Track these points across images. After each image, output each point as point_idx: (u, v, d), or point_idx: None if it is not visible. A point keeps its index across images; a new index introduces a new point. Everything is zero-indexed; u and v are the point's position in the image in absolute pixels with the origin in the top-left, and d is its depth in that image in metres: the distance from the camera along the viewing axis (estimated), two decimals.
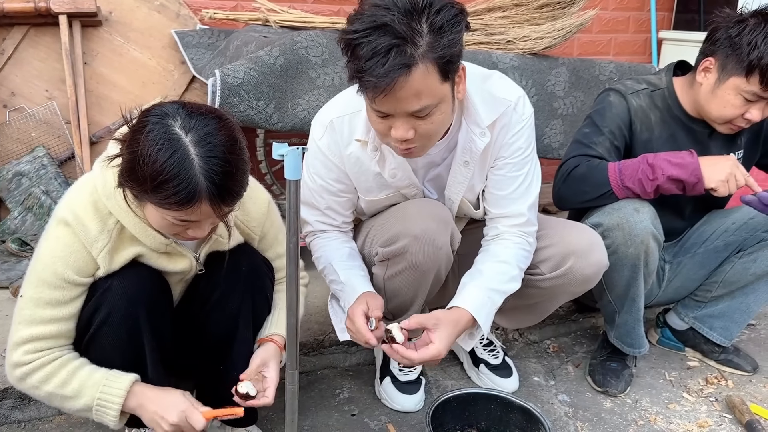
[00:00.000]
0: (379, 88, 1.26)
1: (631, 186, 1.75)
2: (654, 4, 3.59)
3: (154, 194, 1.18)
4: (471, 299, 1.56)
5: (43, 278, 1.31)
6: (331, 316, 1.76)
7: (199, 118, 1.20)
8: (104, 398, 1.32)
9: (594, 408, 1.93)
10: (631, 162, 1.77)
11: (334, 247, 1.71)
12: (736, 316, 2.08)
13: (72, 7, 2.49)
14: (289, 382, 1.23)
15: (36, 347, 1.31)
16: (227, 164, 1.19)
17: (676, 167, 1.71)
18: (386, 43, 1.24)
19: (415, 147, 1.43)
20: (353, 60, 1.29)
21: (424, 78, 1.28)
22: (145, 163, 1.16)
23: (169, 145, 1.16)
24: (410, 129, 1.37)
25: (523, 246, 1.66)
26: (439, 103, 1.36)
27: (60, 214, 1.32)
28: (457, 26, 1.30)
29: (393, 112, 1.35)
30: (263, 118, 2.11)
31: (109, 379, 1.34)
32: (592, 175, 1.79)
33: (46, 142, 2.55)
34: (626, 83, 1.94)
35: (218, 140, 1.19)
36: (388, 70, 1.24)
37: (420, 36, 1.26)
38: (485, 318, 1.56)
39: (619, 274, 1.81)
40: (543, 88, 2.54)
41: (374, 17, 1.25)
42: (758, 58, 1.67)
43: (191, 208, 1.20)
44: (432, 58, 1.27)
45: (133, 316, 1.34)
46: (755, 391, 2.04)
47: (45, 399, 1.36)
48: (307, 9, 2.88)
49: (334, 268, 1.66)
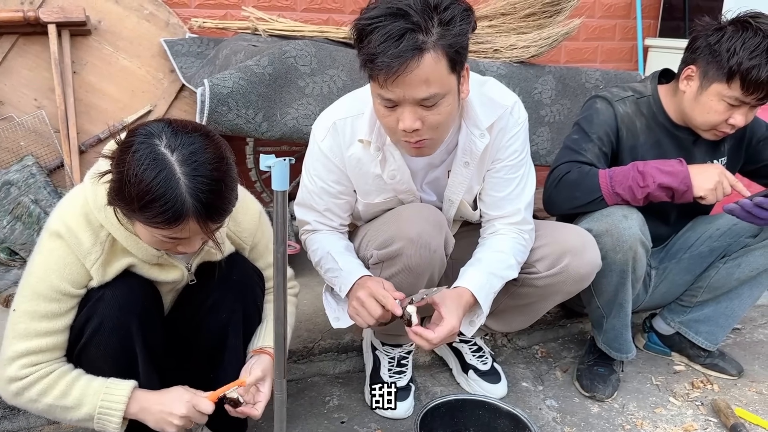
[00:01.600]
0: (392, 68, 1.30)
1: (621, 193, 1.77)
2: (640, 12, 3.64)
3: (142, 213, 1.20)
4: (471, 280, 1.61)
5: (37, 291, 1.31)
6: (325, 306, 1.78)
7: (184, 136, 1.21)
8: (106, 405, 1.33)
9: (582, 413, 1.95)
10: (622, 169, 1.80)
11: (332, 240, 1.73)
12: (722, 321, 2.11)
13: (61, 17, 2.49)
14: (277, 391, 1.24)
15: (32, 361, 1.31)
16: (214, 182, 1.20)
17: (667, 175, 1.74)
18: (400, 28, 1.30)
19: (425, 141, 1.46)
20: (366, 45, 1.33)
21: (434, 65, 1.33)
22: (132, 183, 1.17)
23: (155, 165, 1.17)
24: (417, 119, 1.40)
25: (519, 240, 1.70)
26: (446, 94, 1.39)
27: (52, 226, 1.33)
28: (466, 19, 1.36)
29: (401, 99, 1.38)
30: (252, 127, 2.12)
31: (109, 387, 1.34)
32: (583, 182, 1.82)
33: (35, 151, 2.55)
34: (612, 90, 1.98)
35: (204, 158, 1.20)
36: (401, 52, 1.29)
37: (432, 26, 1.32)
38: (485, 297, 1.60)
39: (607, 279, 1.83)
40: (530, 95, 2.56)
41: (390, 4, 1.31)
42: (738, 63, 1.70)
43: (179, 227, 1.21)
44: (442, 46, 1.33)
45: (125, 326, 1.35)
46: (740, 394, 2.06)
47: (44, 412, 1.36)
48: (297, 18, 2.90)
49: (332, 256, 1.67)
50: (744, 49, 1.70)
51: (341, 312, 1.71)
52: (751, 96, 1.73)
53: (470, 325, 1.67)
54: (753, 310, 2.63)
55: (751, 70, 1.68)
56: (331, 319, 1.75)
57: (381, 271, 1.66)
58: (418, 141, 1.45)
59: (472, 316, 1.66)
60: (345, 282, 1.61)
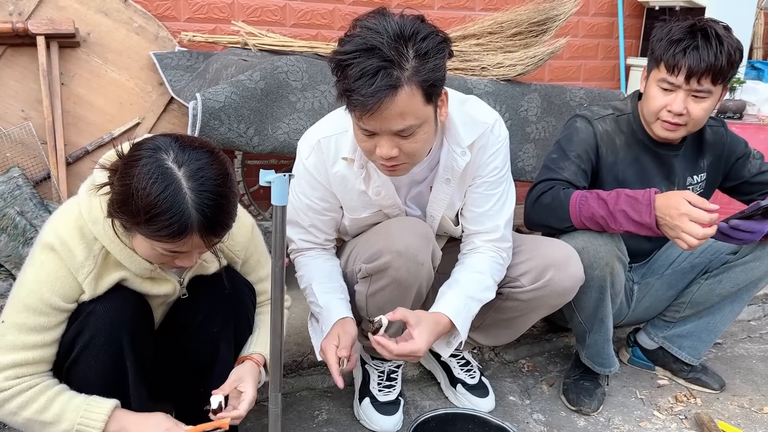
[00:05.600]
0: (366, 106, 1.33)
1: (590, 226, 1.80)
2: (622, 32, 3.72)
3: (146, 226, 1.20)
4: (449, 304, 1.63)
5: (27, 304, 1.30)
6: (311, 334, 1.79)
7: (191, 152, 1.23)
8: (85, 422, 1.31)
9: (568, 426, 1.97)
10: (592, 202, 1.78)
11: (316, 266, 1.75)
12: (704, 336, 2.15)
13: (50, 28, 2.49)
14: (272, 405, 1.24)
15: (17, 373, 1.31)
16: (218, 197, 1.22)
17: (635, 225, 1.73)
18: (374, 65, 1.31)
19: (400, 165, 1.49)
20: (343, 80, 1.36)
21: (408, 99, 1.35)
22: (139, 196, 1.18)
23: (163, 179, 1.18)
24: (394, 147, 1.43)
25: (496, 260, 1.72)
26: (423, 124, 1.42)
27: (45, 239, 1.32)
28: (441, 53, 1.38)
29: (378, 131, 1.41)
30: (244, 141, 2.13)
31: (89, 404, 1.33)
32: (556, 209, 1.83)
33: (21, 163, 2.53)
34: (593, 109, 2.02)
35: (210, 174, 1.22)
36: (375, 91, 1.31)
37: (406, 60, 1.33)
38: (462, 323, 1.62)
39: (586, 295, 1.86)
40: (516, 113, 2.61)
41: (365, 40, 1.32)
42: (660, 47, 1.81)
43: (182, 240, 1.22)
44: (417, 81, 1.34)
45: (116, 340, 1.35)
46: (723, 408, 2.10)
47: (22, 426, 1.34)
48: (286, 33, 2.92)
49: (313, 291, 1.70)
50: (671, 33, 1.80)
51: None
52: (676, 75, 1.79)
53: (447, 347, 1.70)
54: (734, 325, 2.68)
55: (671, 46, 1.78)
56: (316, 350, 1.73)
57: (369, 285, 1.68)
58: (394, 165, 1.49)
59: (450, 338, 1.68)
60: (326, 323, 1.65)
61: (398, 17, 1.37)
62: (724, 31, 1.78)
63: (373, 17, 1.38)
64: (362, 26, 1.36)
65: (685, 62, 1.76)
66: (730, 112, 3.05)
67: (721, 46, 1.75)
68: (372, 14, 1.39)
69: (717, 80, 1.78)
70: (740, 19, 3.65)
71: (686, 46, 1.76)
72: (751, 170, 2.07)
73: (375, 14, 1.39)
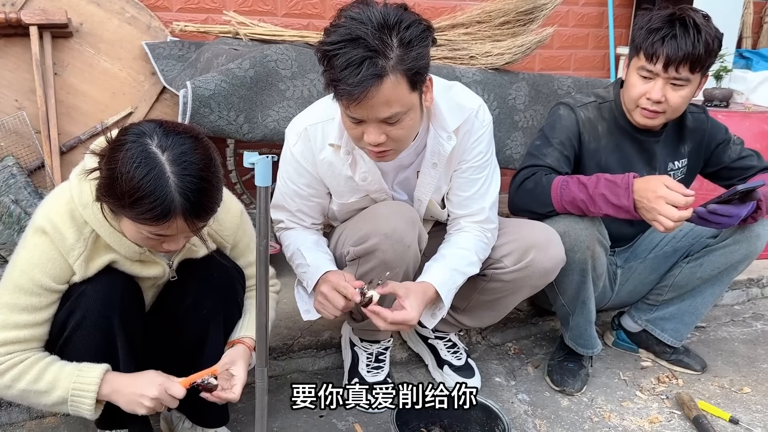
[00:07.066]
0: (353, 95, 1.37)
1: (570, 210, 1.84)
2: (612, 22, 3.75)
3: (131, 209, 1.24)
4: (435, 275, 1.69)
5: (19, 285, 1.35)
6: (297, 300, 1.84)
7: (175, 138, 1.26)
8: (79, 387, 1.36)
9: (552, 406, 2.02)
10: (573, 187, 1.82)
11: (303, 236, 1.81)
12: (686, 318, 2.20)
13: (43, 19, 2.51)
14: (258, 379, 1.28)
15: (8, 350, 1.35)
16: (202, 182, 1.26)
17: (613, 208, 1.78)
18: (360, 55, 1.35)
19: (388, 151, 1.53)
20: (329, 70, 1.40)
21: (393, 88, 1.39)
22: (123, 180, 1.21)
23: (146, 163, 1.22)
24: (381, 134, 1.47)
25: (482, 239, 1.78)
26: (408, 111, 1.46)
27: (37, 222, 1.36)
28: (424, 41, 1.42)
29: (365, 118, 1.45)
30: (234, 128, 2.16)
31: (81, 370, 1.38)
32: (537, 193, 1.88)
33: (15, 152, 2.56)
34: (576, 97, 2.06)
35: (193, 159, 1.25)
36: (361, 80, 1.35)
37: (390, 49, 1.37)
38: (447, 293, 1.69)
39: (569, 278, 1.91)
40: (504, 101, 2.64)
41: (349, 30, 1.36)
42: (639, 36, 1.86)
43: (166, 223, 1.26)
44: (401, 69, 1.38)
45: (106, 320, 1.39)
46: (703, 388, 2.15)
47: (18, 398, 1.39)
48: (277, 23, 2.95)
49: (301, 252, 1.75)
50: (650, 22, 1.85)
51: (311, 305, 1.77)
52: (653, 63, 1.83)
53: (432, 318, 1.76)
54: (717, 309, 2.73)
55: (649, 35, 1.82)
56: (302, 311, 1.81)
57: (358, 267, 1.72)
58: (382, 151, 1.53)
59: (435, 309, 1.74)
60: (311, 277, 1.70)
61: (382, 6, 1.41)
62: (703, 20, 1.82)
63: (357, 7, 1.41)
64: (347, 16, 1.40)
65: (663, 50, 1.80)
66: (717, 101, 3.07)
67: (699, 35, 1.78)
68: (356, 3, 1.43)
69: (695, 68, 1.82)
70: (729, 8, 3.68)
71: (664, 34, 1.80)
72: (731, 156, 2.11)
73: (359, 3, 1.43)
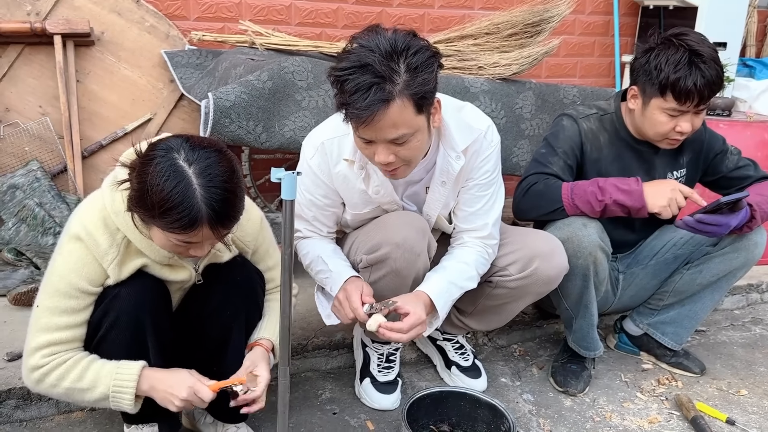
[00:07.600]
0: (361, 119, 1.46)
1: (579, 205, 1.94)
2: (617, 30, 3.82)
3: (161, 219, 1.33)
4: (433, 286, 1.77)
5: (58, 289, 1.44)
6: (318, 305, 1.94)
7: (201, 152, 1.35)
8: (119, 384, 1.46)
9: (555, 406, 2.10)
10: (583, 183, 1.97)
11: (321, 245, 1.89)
12: (686, 323, 2.27)
13: (66, 28, 2.61)
14: (281, 377, 1.37)
15: (52, 351, 1.45)
16: (226, 192, 1.35)
17: (623, 193, 1.91)
18: (368, 81, 1.44)
19: (398, 169, 1.63)
20: (340, 94, 1.49)
21: (400, 111, 1.48)
22: (153, 192, 1.31)
23: (174, 177, 1.31)
24: (390, 154, 1.56)
25: (482, 254, 1.86)
26: (416, 132, 1.55)
27: (72, 230, 1.46)
28: (430, 67, 1.51)
29: (375, 139, 1.54)
30: (252, 137, 2.26)
31: (120, 367, 1.47)
32: (547, 193, 1.98)
33: (39, 156, 2.66)
34: (578, 108, 2.15)
35: (218, 171, 1.34)
36: (369, 104, 1.44)
37: (398, 75, 1.46)
38: (442, 305, 1.76)
39: (572, 283, 2.00)
40: (511, 110, 2.73)
41: (359, 57, 1.45)
42: (666, 77, 1.88)
43: (193, 232, 1.35)
44: (408, 94, 1.47)
45: (138, 320, 1.48)
46: (702, 390, 2.23)
47: (63, 395, 1.49)
48: (291, 31, 3.04)
49: (322, 259, 1.83)
50: (668, 64, 1.88)
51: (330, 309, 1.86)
52: (686, 104, 1.90)
53: (428, 326, 1.81)
54: (717, 314, 2.81)
55: (678, 82, 1.87)
56: (323, 316, 1.91)
57: (370, 274, 1.81)
58: (393, 169, 1.62)
59: (431, 319, 1.81)
60: (335, 282, 1.78)
61: (391, 33, 1.50)
62: (708, 50, 1.89)
63: (368, 34, 1.51)
64: (357, 43, 1.50)
65: (695, 92, 1.86)
66: (719, 110, 3.13)
67: (714, 64, 1.87)
68: (366, 31, 1.52)
69: (714, 93, 1.92)
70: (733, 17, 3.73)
71: (693, 78, 1.85)
72: (728, 165, 2.19)
73: (369, 31, 1.52)
